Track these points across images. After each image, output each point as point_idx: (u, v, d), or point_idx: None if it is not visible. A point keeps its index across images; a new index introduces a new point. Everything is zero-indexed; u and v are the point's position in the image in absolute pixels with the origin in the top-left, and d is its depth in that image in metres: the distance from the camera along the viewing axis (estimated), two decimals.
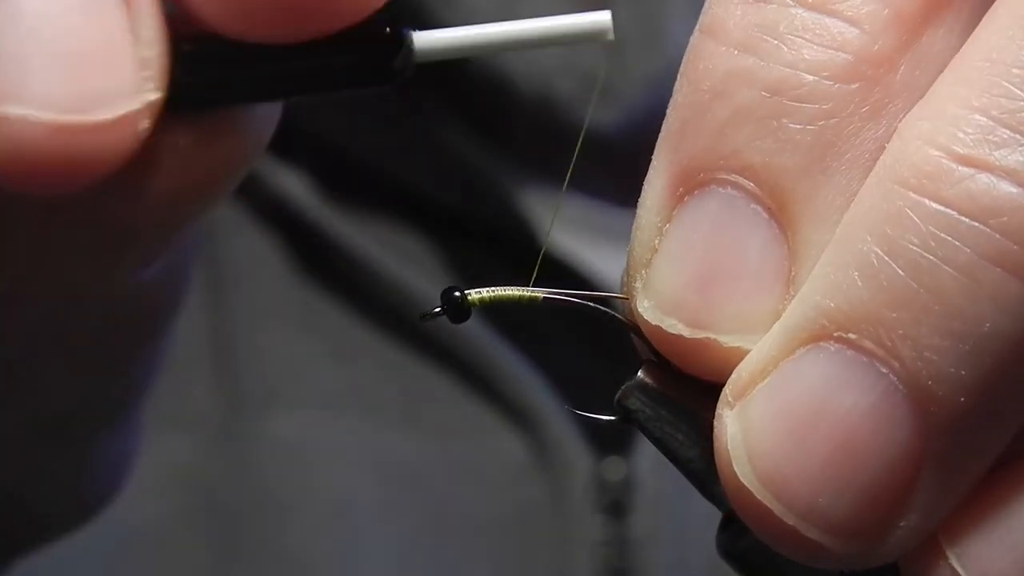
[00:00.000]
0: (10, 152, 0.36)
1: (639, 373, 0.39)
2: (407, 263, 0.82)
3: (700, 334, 0.36)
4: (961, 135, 0.34)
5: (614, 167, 0.81)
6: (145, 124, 0.38)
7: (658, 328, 0.36)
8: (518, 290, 0.39)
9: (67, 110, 0.36)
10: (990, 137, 0.34)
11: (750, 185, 0.36)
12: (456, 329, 0.81)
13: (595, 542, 0.80)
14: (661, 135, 0.37)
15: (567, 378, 0.82)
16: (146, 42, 0.38)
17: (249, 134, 0.42)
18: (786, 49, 0.35)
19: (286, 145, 0.83)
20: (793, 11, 0.35)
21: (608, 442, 0.81)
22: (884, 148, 0.35)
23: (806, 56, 0.35)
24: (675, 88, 0.37)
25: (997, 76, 0.34)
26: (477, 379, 0.82)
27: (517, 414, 0.81)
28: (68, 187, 0.38)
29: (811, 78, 0.35)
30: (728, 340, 0.36)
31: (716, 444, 0.36)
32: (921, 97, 0.35)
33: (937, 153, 0.34)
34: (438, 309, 0.40)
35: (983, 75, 0.34)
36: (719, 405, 0.36)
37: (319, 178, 0.84)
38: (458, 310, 0.40)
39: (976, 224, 0.33)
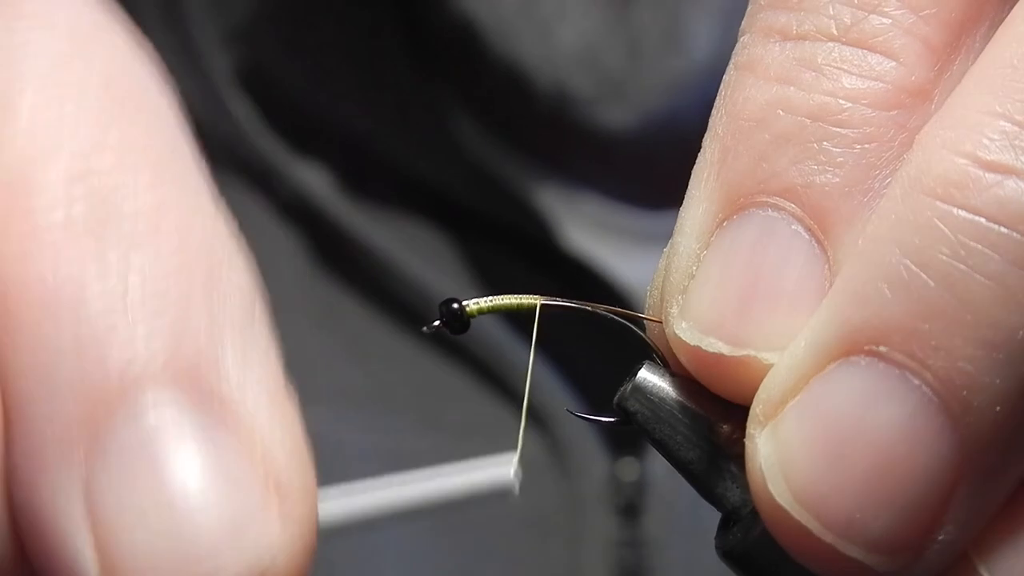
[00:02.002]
0: None
1: (639, 374, 0.39)
2: (425, 259, 0.82)
3: (740, 351, 0.36)
4: (986, 141, 0.34)
5: (631, 168, 0.82)
6: None
7: (696, 348, 0.36)
8: (516, 298, 0.39)
9: None
10: (1016, 142, 0.33)
11: (791, 206, 0.36)
12: (473, 328, 0.81)
13: (609, 542, 0.80)
14: (698, 166, 0.37)
15: (583, 379, 0.82)
16: None
17: None
18: (825, 79, 0.36)
19: (306, 142, 0.83)
20: (830, 45, 0.36)
21: (623, 443, 0.81)
22: None
23: (845, 85, 0.36)
24: (712, 122, 0.37)
25: (1019, 82, 0.34)
26: (493, 378, 0.82)
27: (532, 414, 0.81)
28: None
29: (851, 104, 0.35)
30: (769, 357, 0.36)
31: (748, 464, 0.35)
32: None
33: (963, 161, 0.34)
34: (437, 323, 0.40)
35: (1005, 81, 0.34)
36: (749, 424, 0.36)
37: (339, 175, 0.84)
38: (457, 321, 0.40)
39: (1006, 230, 0.33)
